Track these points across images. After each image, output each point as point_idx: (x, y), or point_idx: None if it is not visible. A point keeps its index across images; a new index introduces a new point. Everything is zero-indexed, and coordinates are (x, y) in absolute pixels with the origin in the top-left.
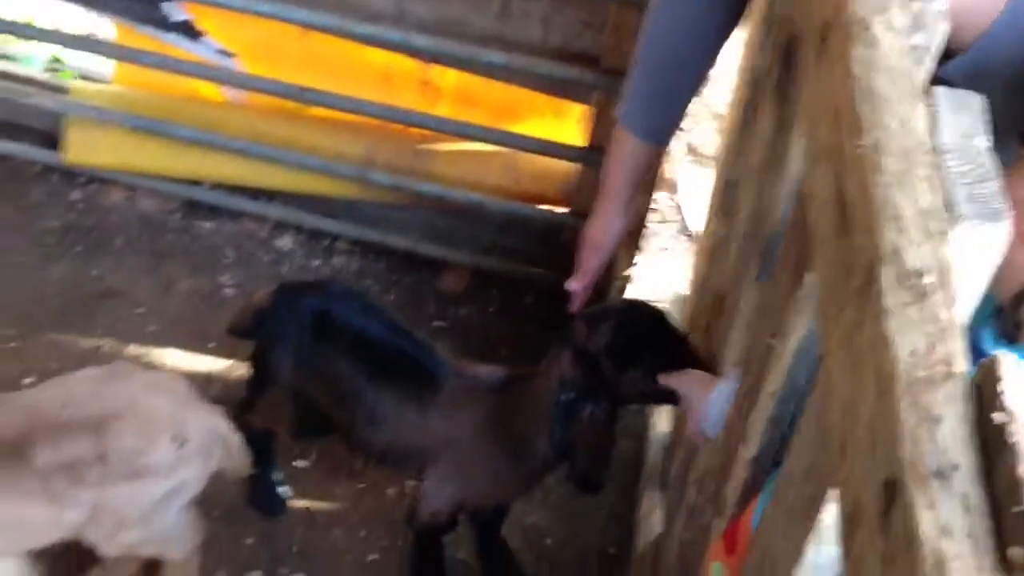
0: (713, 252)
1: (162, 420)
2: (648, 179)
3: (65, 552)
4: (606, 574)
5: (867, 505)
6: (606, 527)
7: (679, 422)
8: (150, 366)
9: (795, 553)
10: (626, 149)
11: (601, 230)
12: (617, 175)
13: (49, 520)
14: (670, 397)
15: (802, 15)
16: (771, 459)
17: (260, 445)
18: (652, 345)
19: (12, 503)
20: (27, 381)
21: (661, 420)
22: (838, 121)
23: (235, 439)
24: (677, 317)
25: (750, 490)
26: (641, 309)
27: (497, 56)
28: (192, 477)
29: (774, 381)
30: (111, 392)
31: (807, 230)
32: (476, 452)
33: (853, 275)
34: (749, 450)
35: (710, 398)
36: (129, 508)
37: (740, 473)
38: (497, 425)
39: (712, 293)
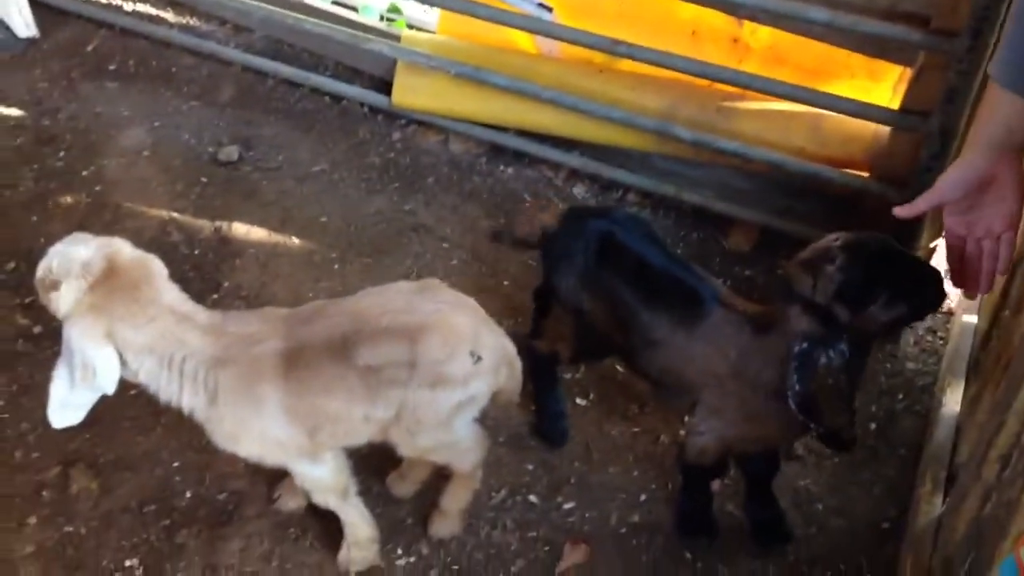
0: None
1: (464, 335)
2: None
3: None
4: (875, 547)
5: None
6: (881, 500)
7: (974, 402)
8: None
9: None
10: (993, 103)
11: (944, 177)
12: (977, 127)
13: (364, 416)
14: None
15: None
16: None
17: (545, 370)
18: (885, 275)
19: (338, 397)
20: None
21: (951, 399)
22: None
23: (518, 361)
24: (978, 299)
25: None
26: (864, 241)
27: (821, 14)
28: (482, 390)
29: None
30: (422, 305)
31: None
32: (733, 389)
33: None
34: None
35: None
36: (428, 412)
37: None
38: (749, 366)
39: None
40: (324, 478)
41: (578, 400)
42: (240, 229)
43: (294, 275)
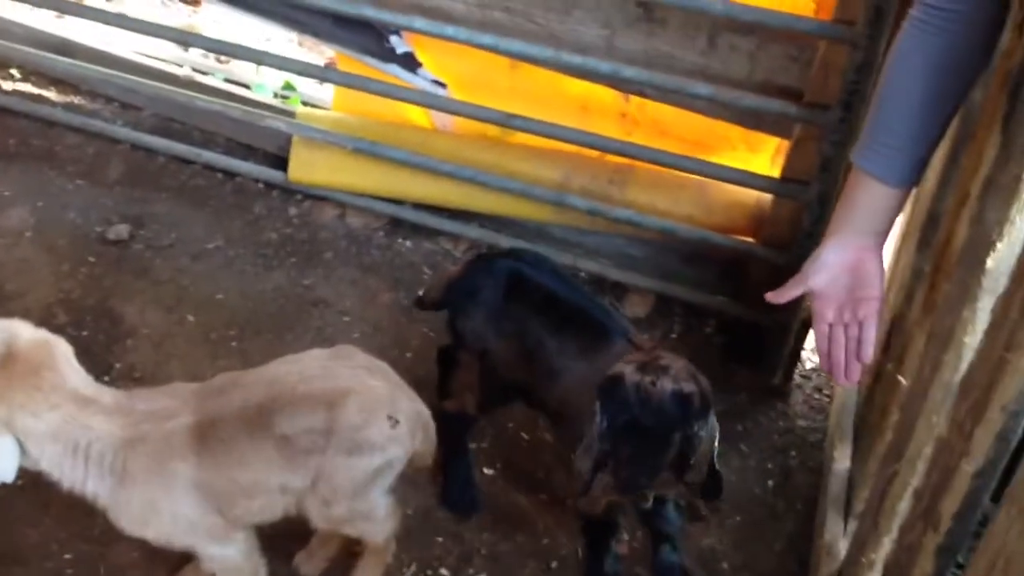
0: (910, 287)
1: (381, 399)
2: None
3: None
4: None
5: None
6: (783, 555)
7: (865, 454)
8: None
9: None
10: (856, 189)
11: (810, 263)
12: (840, 212)
13: (281, 486)
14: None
15: None
16: (995, 473)
17: (454, 435)
18: (631, 458)
19: (254, 468)
20: None
21: (842, 452)
22: None
23: (432, 425)
24: None
25: (970, 505)
26: (648, 385)
27: (704, 88)
28: (399, 456)
29: (1006, 394)
30: (338, 370)
31: None
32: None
33: None
34: (972, 464)
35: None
36: (344, 480)
37: (960, 488)
38: None
39: (913, 322)
40: (235, 560)
41: (485, 469)
42: (132, 309)
43: (191, 354)
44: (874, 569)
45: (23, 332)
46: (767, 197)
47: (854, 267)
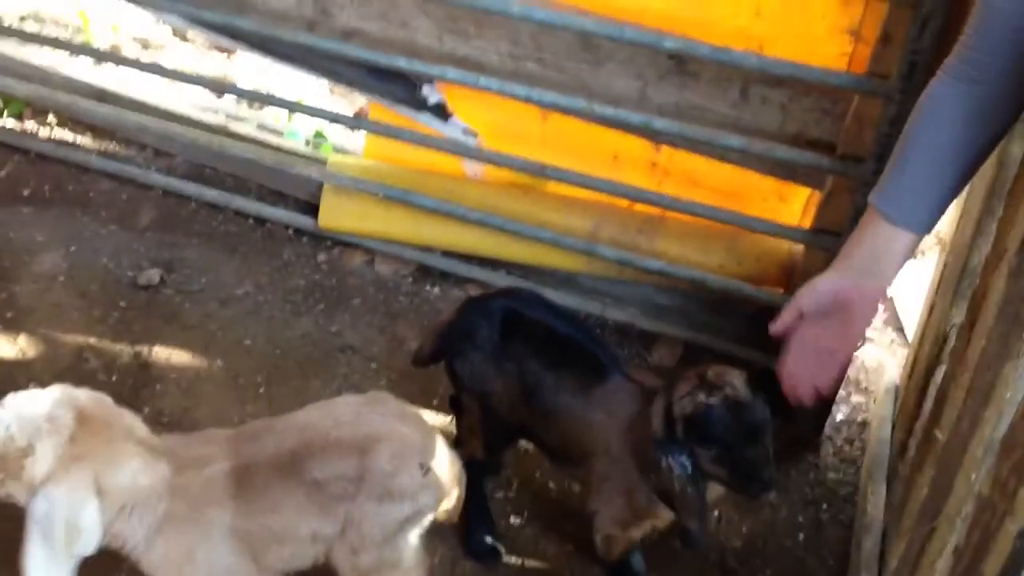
0: (942, 340)
1: (414, 446)
2: None
3: None
4: None
5: None
6: None
7: (899, 508)
8: None
9: None
10: (868, 229)
11: (806, 290)
12: (848, 248)
13: (312, 533)
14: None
15: None
16: None
17: (470, 480)
18: (726, 438)
19: (287, 515)
20: None
21: (874, 507)
22: None
23: (463, 474)
24: (891, 408)
25: (1014, 565)
26: (740, 403)
27: (736, 140)
28: (429, 504)
29: None
30: (371, 417)
31: None
32: (618, 457)
33: None
34: (1016, 524)
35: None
36: (374, 527)
37: (1003, 548)
38: (631, 436)
39: (948, 376)
40: None
41: (512, 519)
42: (161, 354)
43: (218, 399)
44: None
45: (79, 394)
46: (798, 248)
47: (845, 303)
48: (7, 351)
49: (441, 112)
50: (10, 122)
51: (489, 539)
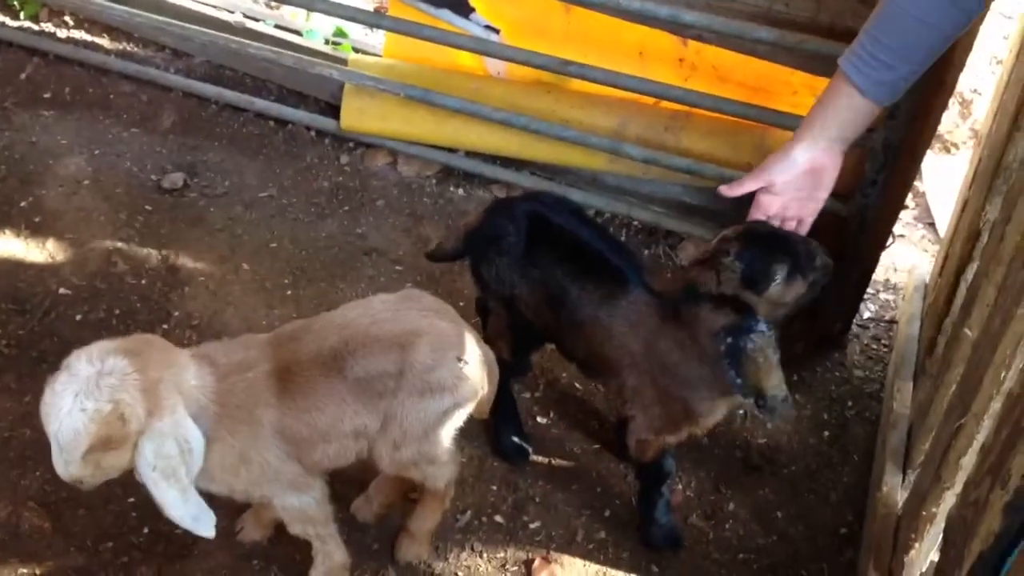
0: (975, 236)
1: (451, 340)
2: (905, 163)
3: None
4: (835, 553)
5: None
6: (838, 507)
7: (925, 405)
8: None
9: None
10: (836, 94)
11: (774, 158)
12: (816, 114)
13: (355, 429)
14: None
15: None
16: None
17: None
18: (778, 254)
19: (331, 412)
20: None
21: (901, 403)
22: None
23: (496, 369)
24: (920, 305)
25: None
26: (751, 229)
27: (766, 33)
28: (468, 397)
29: None
30: (408, 313)
31: None
32: (645, 369)
33: None
34: None
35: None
36: (415, 422)
37: None
38: (656, 348)
39: (980, 273)
40: (311, 508)
41: (539, 419)
42: (188, 257)
43: (246, 302)
44: (934, 523)
45: (105, 344)
46: None
47: (817, 169)
48: (36, 256)
49: (462, 8)
50: (27, 23)
51: (516, 438)
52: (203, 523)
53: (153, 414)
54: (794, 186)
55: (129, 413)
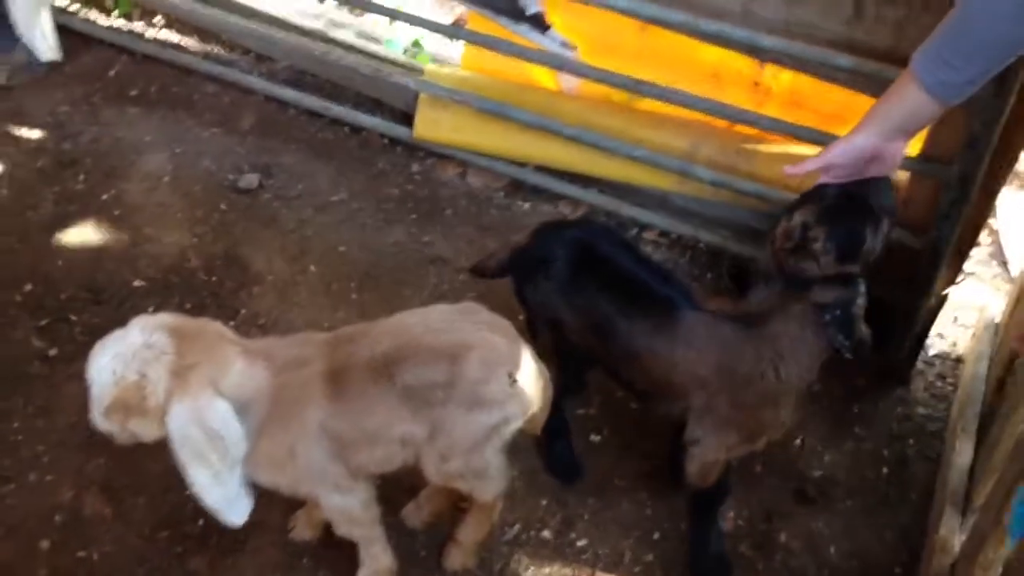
0: None
1: (503, 356)
2: (981, 198)
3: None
4: None
5: None
6: (894, 545)
7: (988, 446)
8: None
9: None
10: (904, 90)
11: (838, 144)
12: (881, 105)
13: (402, 436)
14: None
15: None
16: None
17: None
18: (855, 214)
19: (379, 417)
20: None
21: (964, 444)
22: None
23: (550, 386)
24: (989, 342)
25: None
26: (823, 202)
27: (846, 60)
28: (516, 414)
29: None
30: (463, 325)
31: None
32: (718, 387)
33: None
34: None
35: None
36: (463, 434)
37: None
38: (735, 360)
39: None
40: (355, 509)
41: (592, 436)
42: (259, 257)
43: (312, 304)
44: (992, 569)
45: (161, 316)
46: (904, 175)
47: (877, 157)
48: (114, 248)
49: (540, 23)
50: (119, 22)
51: (569, 456)
52: (235, 511)
53: (174, 396)
54: (853, 171)
55: (150, 389)
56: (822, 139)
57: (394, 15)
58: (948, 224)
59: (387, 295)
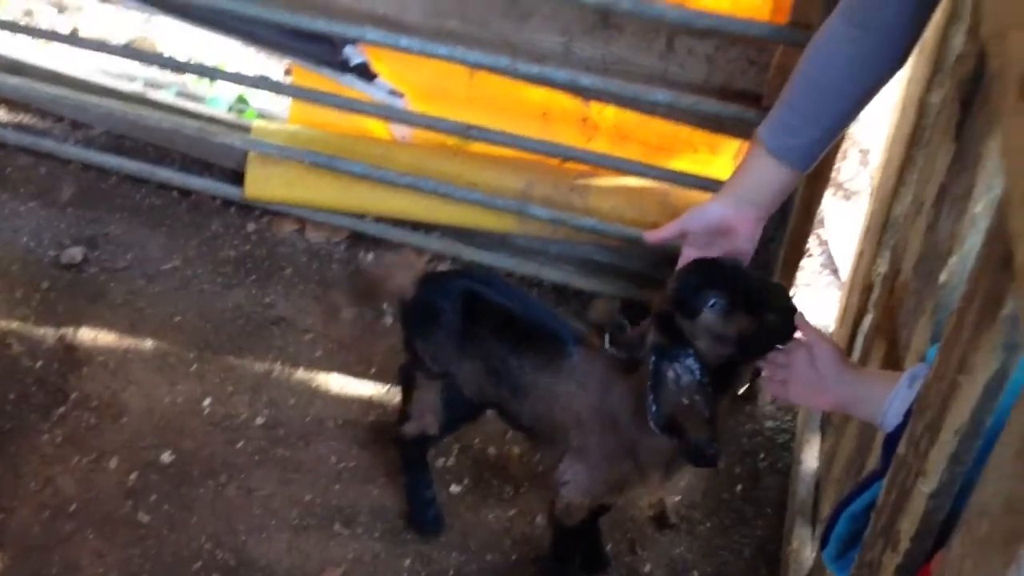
0: (869, 288)
1: None
2: (800, 215)
3: None
4: None
5: None
6: (752, 562)
7: (830, 457)
8: (317, 390)
9: None
10: (753, 160)
11: (692, 211)
12: (734, 176)
13: None
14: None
15: (998, 58)
16: (951, 495)
17: (414, 457)
18: (717, 282)
19: None
20: (207, 402)
21: (809, 456)
22: None
23: None
24: None
25: (927, 526)
26: (708, 259)
27: (662, 95)
28: None
29: (958, 418)
30: None
31: (1010, 267)
32: (594, 428)
33: None
34: (928, 485)
35: (895, 389)
36: None
37: (917, 508)
38: (607, 401)
39: (873, 327)
40: None
41: (452, 487)
42: (87, 335)
43: (148, 380)
44: None
45: None
46: None
47: (726, 228)
48: None
49: (366, 73)
50: None
51: (433, 507)
52: None
53: None
54: (705, 240)
55: None
56: (647, 171)
57: (215, 75)
58: (771, 247)
59: (229, 363)
